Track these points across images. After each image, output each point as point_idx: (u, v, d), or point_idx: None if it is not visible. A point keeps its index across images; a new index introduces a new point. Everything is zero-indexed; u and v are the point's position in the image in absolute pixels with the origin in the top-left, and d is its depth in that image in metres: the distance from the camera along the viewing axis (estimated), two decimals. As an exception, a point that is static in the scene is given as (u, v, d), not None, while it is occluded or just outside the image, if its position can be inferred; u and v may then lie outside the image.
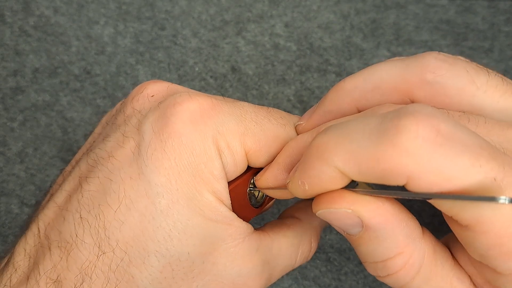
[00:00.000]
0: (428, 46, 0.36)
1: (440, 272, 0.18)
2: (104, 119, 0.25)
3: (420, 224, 0.19)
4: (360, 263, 0.29)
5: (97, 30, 0.37)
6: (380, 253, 0.18)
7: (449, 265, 0.18)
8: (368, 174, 0.16)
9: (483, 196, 0.14)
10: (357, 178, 0.16)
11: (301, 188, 0.18)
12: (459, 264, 0.19)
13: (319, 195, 0.18)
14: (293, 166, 0.21)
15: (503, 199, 0.14)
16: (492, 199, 0.14)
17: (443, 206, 0.16)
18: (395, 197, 0.17)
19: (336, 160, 0.16)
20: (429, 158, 0.15)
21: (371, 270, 0.19)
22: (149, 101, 0.22)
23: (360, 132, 0.16)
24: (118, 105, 0.25)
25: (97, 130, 0.25)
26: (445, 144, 0.15)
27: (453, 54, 0.36)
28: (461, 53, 0.35)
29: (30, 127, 0.34)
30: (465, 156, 0.15)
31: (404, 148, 0.15)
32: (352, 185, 0.18)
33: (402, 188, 0.16)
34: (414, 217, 0.18)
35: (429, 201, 0.16)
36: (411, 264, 0.18)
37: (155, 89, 0.23)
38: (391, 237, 0.17)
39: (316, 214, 0.19)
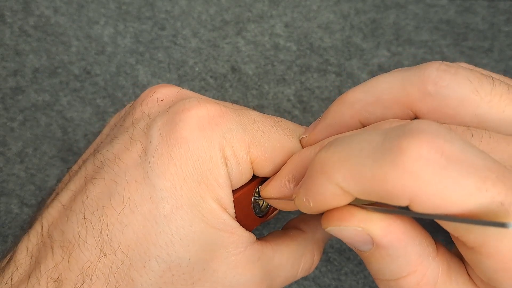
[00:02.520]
0: (428, 46, 0.36)
1: None
2: (112, 121, 0.26)
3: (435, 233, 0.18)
4: (360, 263, 0.29)
5: (97, 30, 0.37)
6: (392, 271, 0.17)
7: (463, 280, 0.18)
8: (371, 193, 0.16)
9: (491, 221, 0.14)
10: (359, 196, 0.16)
11: (306, 205, 0.18)
12: (472, 279, 0.18)
13: (328, 212, 0.18)
14: (296, 180, 0.21)
15: None
16: (501, 224, 0.13)
17: (449, 226, 0.16)
18: (403, 215, 0.16)
19: (338, 177, 0.16)
20: (432, 181, 0.14)
21: (383, 287, 0.18)
22: (158, 105, 0.22)
23: (363, 149, 0.15)
24: (126, 107, 0.25)
25: (105, 131, 0.25)
26: (449, 166, 0.14)
27: (453, 54, 0.36)
28: (461, 53, 0.35)
29: (30, 127, 0.34)
30: (470, 179, 0.14)
31: (406, 169, 0.14)
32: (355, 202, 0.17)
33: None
34: (428, 234, 0.18)
35: (436, 220, 0.16)
36: (424, 283, 0.17)
37: (164, 93, 0.23)
38: (404, 255, 0.17)
39: (326, 231, 0.18)
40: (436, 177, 0.14)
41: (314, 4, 0.38)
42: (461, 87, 0.19)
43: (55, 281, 0.19)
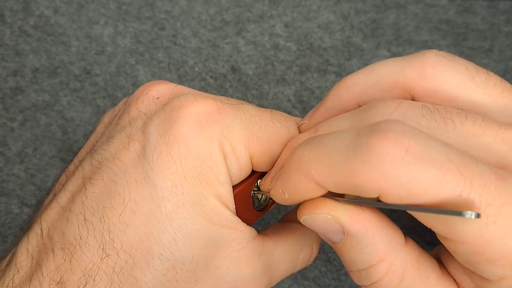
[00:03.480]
0: (428, 46, 0.36)
1: (424, 282, 0.19)
2: (106, 118, 0.25)
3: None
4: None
5: (97, 30, 0.37)
6: (362, 261, 0.18)
7: (434, 276, 0.19)
8: (343, 187, 0.17)
9: (450, 210, 0.15)
10: (333, 190, 0.17)
11: (282, 196, 0.19)
12: (448, 274, 0.19)
13: (303, 203, 0.19)
14: None
15: (468, 214, 0.14)
16: (459, 213, 0.14)
17: (421, 218, 0.17)
18: (374, 207, 0.18)
19: (314, 173, 0.17)
20: (397, 176, 0.15)
21: (355, 279, 0.20)
22: (154, 103, 0.22)
23: (336, 147, 0.17)
24: (121, 104, 0.25)
25: (99, 129, 0.25)
26: (412, 162, 0.15)
27: (453, 54, 0.36)
28: (461, 53, 0.36)
29: (30, 127, 0.34)
30: (431, 173, 0.15)
31: (374, 166, 0.16)
32: (340, 194, 0.18)
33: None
34: (396, 226, 0.19)
35: (408, 212, 0.17)
36: (393, 272, 0.18)
37: (160, 90, 0.23)
38: (372, 244, 0.18)
39: (300, 221, 0.19)
40: (400, 172, 0.15)
41: (314, 4, 0.38)
42: (458, 73, 0.20)
43: (58, 283, 0.19)
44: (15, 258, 0.20)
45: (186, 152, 0.20)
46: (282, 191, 0.19)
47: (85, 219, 0.19)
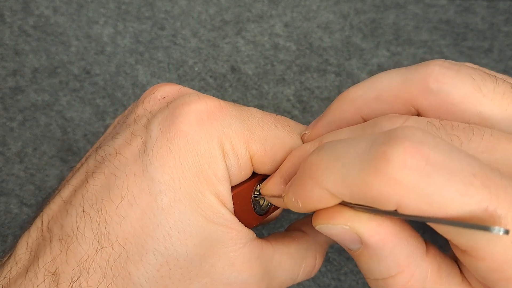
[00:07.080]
0: (427, 46, 0.36)
1: None
2: (116, 121, 0.26)
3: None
4: (359, 263, 0.29)
5: (96, 30, 0.37)
6: (380, 271, 0.18)
7: (456, 282, 0.18)
8: (358, 198, 0.16)
9: (477, 225, 0.14)
10: (348, 200, 0.17)
11: (295, 205, 0.18)
12: (467, 280, 0.18)
13: (318, 210, 0.18)
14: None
15: (496, 230, 0.13)
16: (486, 228, 0.14)
17: (441, 229, 0.16)
18: (391, 216, 0.17)
19: (327, 183, 0.16)
20: (417, 188, 0.15)
21: (373, 286, 0.19)
22: (160, 102, 0.22)
23: (351, 156, 0.16)
24: (130, 107, 0.25)
25: (109, 130, 0.25)
26: (433, 174, 0.14)
27: (452, 54, 0.36)
28: (461, 53, 0.36)
29: (29, 127, 0.34)
30: (454, 186, 0.14)
31: (391, 177, 0.15)
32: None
33: None
34: (418, 235, 0.18)
35: (428, 223, 0.16)
36: (412, 284, 0.17)
37: (166, 91, 0.23)
38: (391, 256, 0.17)
39: (316, 228, 0.18)
40: (421, 184, 0.14)
41: (313, 4, 0.38)
42: (463, 84, 0.19)
43: (52, 274, 0.19)
44: (14, 251, 0.20)
45: (186, 147, 0.20)
46: (295, 200, 0.18)
47: (83, 211, 0.20)
